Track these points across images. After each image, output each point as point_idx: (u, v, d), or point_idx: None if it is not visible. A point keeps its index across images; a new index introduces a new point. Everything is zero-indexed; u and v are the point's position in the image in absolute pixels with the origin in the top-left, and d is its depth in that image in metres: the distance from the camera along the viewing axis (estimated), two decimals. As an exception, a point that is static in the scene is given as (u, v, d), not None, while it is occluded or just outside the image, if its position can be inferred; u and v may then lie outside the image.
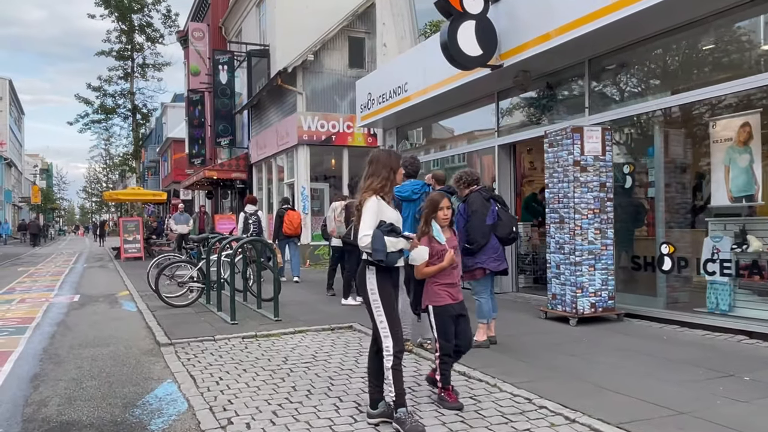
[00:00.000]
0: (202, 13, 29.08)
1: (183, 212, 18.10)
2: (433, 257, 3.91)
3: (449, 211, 4.07)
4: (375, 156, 3.91)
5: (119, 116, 25.50)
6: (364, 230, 3.64)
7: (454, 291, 4.06)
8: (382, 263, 3.59)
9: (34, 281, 14.65)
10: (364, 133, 16.40)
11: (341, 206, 8.88)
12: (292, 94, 16.37)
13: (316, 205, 16.64)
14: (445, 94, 9.85)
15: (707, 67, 6.57)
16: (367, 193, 3.74)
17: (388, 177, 3.78)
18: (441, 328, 4.03)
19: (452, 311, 4.04)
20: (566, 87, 8.36)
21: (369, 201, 3.69)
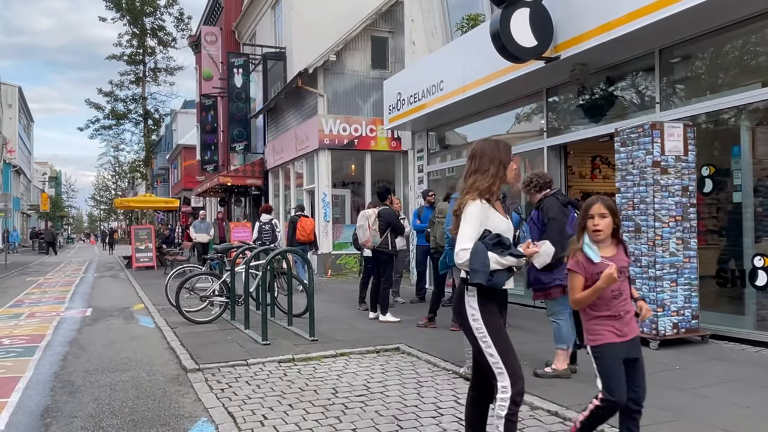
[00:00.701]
0: (215, 17, 28.53)
1: (204, 219, 17.25)
2: (588, 282, 2.95)
3: (603, 221, 2.98)
4: (479, 148, 3.11)
5: (130, 121, 24.86)
6: (462, 243, 2.88)
7: (619, 325, 2.96)
8: (483, 286, 2.82)
9: (44, 292, 13.96)
10: (388, 137, 15.66)
11: (374, 214, 8.11)
12: (312, 96, 15.67)
13: (337, 213, 15.88)
14: (486, 92, 9.09)
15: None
16: (470, 194, 2.96)
17: (496, 174, 2.99)
18: (605, 374, 2.94)
19: (619, 352, 2.94)
20: (630, 81, 7.58)
21: (470, 206, 2.92)
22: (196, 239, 16.31)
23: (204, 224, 16.86)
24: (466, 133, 11.26)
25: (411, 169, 12.62)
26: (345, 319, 8.51)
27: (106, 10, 24.26)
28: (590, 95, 8.11)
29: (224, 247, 8.70)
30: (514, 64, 8.03)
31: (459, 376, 5.17)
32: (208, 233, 16.44)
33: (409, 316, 8.51)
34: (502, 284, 2.89)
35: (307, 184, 16.56)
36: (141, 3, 23.99)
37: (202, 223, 17.00)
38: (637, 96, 7.49)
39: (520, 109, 9.57)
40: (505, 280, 2.91)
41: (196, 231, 16.37)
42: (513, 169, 3.07)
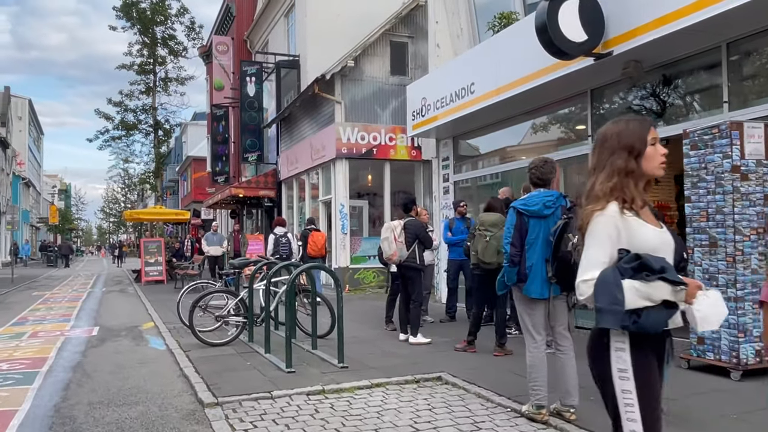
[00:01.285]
0: (226, 27, 28.14)
1: (216, 232, 16.59)
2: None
3: None
4: (599, 135, 2.30)
5: (140, 132, 24.36)
6: (584, 272, 2.10)
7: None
8: (628, 329, 2.04)
9: (49, 309, 13.34)
10: (408, 145, 15.01)
11: (400, 225, 7.41)
12: (329, 103, 15.07)
13: (355, 224, 15.21)
14: (523, 95, 8.42)
15: None
16: (595, 203, 2.16)
17: (624, 167, 2.17)
18: None
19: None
20: (692, 79, 6.88)
21: (596, 218, 2.14)
22: (209, 252, 15.59)
23: (217, 236, 16.13)
24: (497, 140, 10.58)
25: (435, 178, 11.95)
26: (372, 340, 7.81)
27: (117, 20, 23.87)
28: (644, 95, 7.42)
29: (241, 262, 8.03)
30: (560, 61, 7.37)
31: (521, 415, 4.45)
32: (222, 246, 15.73)
33: (442, 337, 7.80)
34: (660, 326, 2.06)
35: (323, 195, 15.92)
36: (152, 12, 23.59)
37: (214, 235, 16.30)
38: (699, 95, 6.79)
39: (560, 113, 8.89)
40: (665, 320, 2.06)
41: (208, 244, 15.65)
42: (659, 154, 2.20)
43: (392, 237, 7.18)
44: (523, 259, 4.24)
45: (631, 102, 7.59)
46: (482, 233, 6.40)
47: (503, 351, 6.57)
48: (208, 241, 15.99)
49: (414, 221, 7.52)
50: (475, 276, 6.72)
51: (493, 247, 6.29)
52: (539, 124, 9.44)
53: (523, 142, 10.01)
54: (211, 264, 15.89)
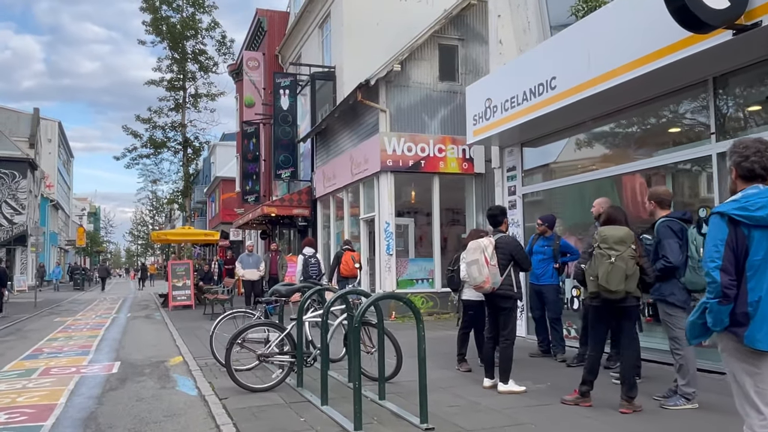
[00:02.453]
0: (257, 42, 27.31)
1: (252, 252, 15.06)
2: None
3: None
4: None
5: (169, 150, 23.44)
6: None
7: None
8: None
9: (69, 338, 12.14)
10: (459, 157, 13.63)
11: (492, 244, 5.96)
12: (372, 113, 13.81)
13: (399, 245, 13.80)
14: (622, 87, 7.00)
15: None
16: None
17: None
18: None
19: None
20: None
21: None
22: (244, 276, 14.20)
23: (253, 258, 14.66)
24: (578, 145, 9.13)
25: (499, 191, 10.52)
26: (449, 386, 6.34)
27: (146, 35, 23.14)
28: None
29: (289, 289, 6.64)
30: (675, 43, 5.99)
31: None
32: (259, 269, 14.31)
33: (536, 382, 6.31)
34: None
35: (365, 212, 14.57)
36: (182, 26, 22.82)
37: (250, 256, 14.75)
38: None
39: (669, 107, 7.42)
40: None
41: (243, 266, 14.22)
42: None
43: (483, 259, 5.74)
44: (742, 290, 2.79)
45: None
46: (604, 252, 4.94)
47: (632, 406, 5.05)
48: (243, 264, 14.37)
49: (507, 238, 6.10)
50: (592, 308, 5.23)
51: (620, 271, 4.83)
52: (639, 122, 7.97)
53: (614, 146, 8.55)
54: (247, 290, 14.35)
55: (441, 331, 10.72)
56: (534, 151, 9.99)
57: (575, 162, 9.26)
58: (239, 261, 14.58)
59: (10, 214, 34.62)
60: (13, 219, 34.29)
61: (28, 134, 39.15)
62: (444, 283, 13.63)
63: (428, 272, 13.62)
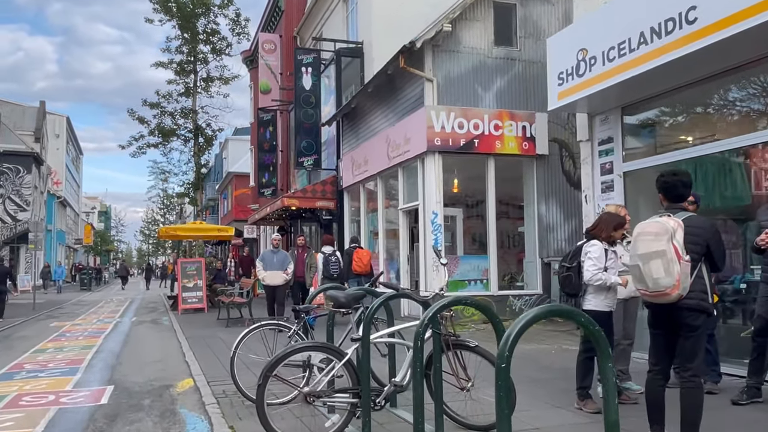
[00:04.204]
0: (274, 23, 25.36)
1: (278, 248, 11.47)
2: None
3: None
4: None
5: (179, 138, 21.50)
6: None
7: None
8: None
9: (59, 349, 10.19)
10: (518, 135, 11.53)
11: (680, 227, 3.76)
12: (415, 84, 11.74)
13: (447, 239, 11.73)
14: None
15: None
16: None
17: None
18: None
19: None
20: None
21: None
22: (265, 280, 11.17)
23: (279, 256, 11.30)
24: (704, 106, 7.01)
25: (587, 171, 8.41)
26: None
27: (153, 13, 21.24)
28: None
29: (353, 296, 4.49)
30: None
31: None
32: (286, 271, 11.16)
33: None
34: None
35: (406, 202, 12.51)
36: (192, 3, 20.87)
37: (275, 254, 11.32)
38: None
39: None
40: None
41: (266, 266, 11.10)
42: None
43: (672, 251, 3.63)
44: None
45: None
46: None
47: None
48: (266, 263, 11.14)
49: (699, 220, 3.95)
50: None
51: None
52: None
53: (748, 109, 6.45)
54: (269, 296, 11.44)
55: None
56: (636, 118, 7.89)
57: (690, 130, 7.18)
58: (260, 259, 11.49)
59: (13, 210, 32.91)
60: (17, 216, 32.57)
61: (34, 128, 37.46)
62: (503, 285, 11.57)
63: (482, 272, 11.54)
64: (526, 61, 11.90)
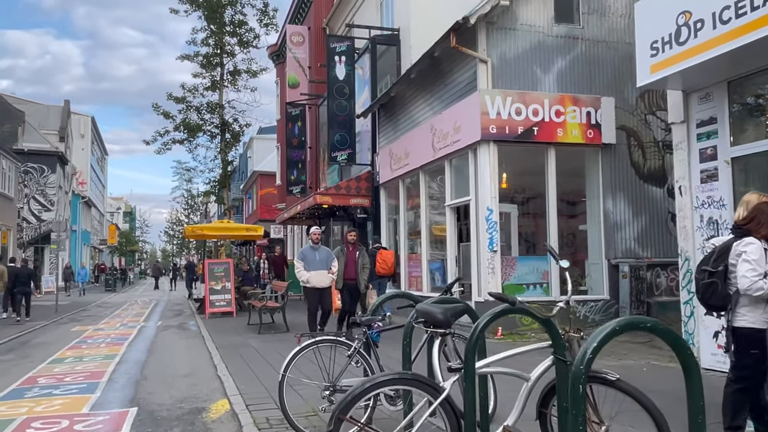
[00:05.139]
0: (302, 15, 24.42)
1: (318, 244, 9.68)
2: None
3: None
4: None
5: (205, 134, 20.64)
6: None
7: None
8: None
9: (78, 359, 9.28)
10: (582, 122, 10.34)
11: None
12: (466, 66, 10.61)
13: (501, 239, 10.56)
14: None
15: None
16: None
17: None
18: None
19: None
20: None
21: None
22: (309, 282, 9.28)
23: (321, 253, 9.53)
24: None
25: (682, 156, 7.21)
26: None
27: (179, 4, 20.42)
28: None
29: (458, 310, 3.31)
30: None
31: None
32: (330, 270, 9.50)
33: None
34: None
35: (454, 197, 11.38)
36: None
37: (316, 250, 9.52)
38: None
39: None
40: None
41: (308, 265, 9.31)
42: None
43: None
44: None
45: None
46: None
47: None
48: (308, 261, 9.33)
49: None
50: None
51: None
52: None
53: None
54: (312, 303, 9.44)
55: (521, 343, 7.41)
56: (747, 94, 6.67)
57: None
58: (300, 257, 9.49)
59: (38, 210, 32.51)
60: (42, 216, 32.15)
61: (58, 127, 37.10)
62: (564, 290, 10.35)
63: (541, 274, 10.36)
64: (590, 40, 10.70)
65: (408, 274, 13.77)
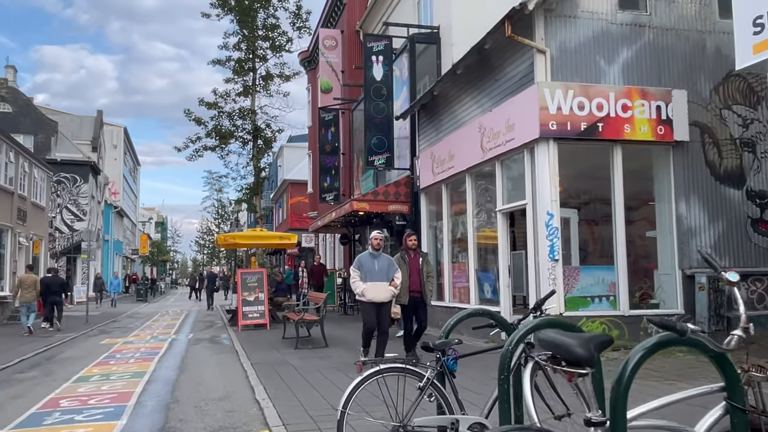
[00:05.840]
0: (335, 18, 23.84)
1: (378, 250, 8.15)
2: None
3: None
4: None
5: (237, 141, 20.09)
6: None
7: None
8: None
9: (105, 377, 8.61)
10: (652, 118, 9.35)
11: None
12: (521, 57, 9.73)
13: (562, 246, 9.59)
14: None
15: None
16: None
17: None
18: None
19: None
20: None
21: None
22: (365, 294, 7.86)
23: (381, 261, 8.06)
24: None
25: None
26: None
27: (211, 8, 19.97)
28: None
29: (603, 341, 2.47)
30: None
31: None
32: (392, 282, 8.01)
33: None
34: None
35: (506, 201, 10.47)
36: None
37: (375, 257, 8.06)
38: None
39: None
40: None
41: (366, 275, 7.91)
42: None
43: None
44: None
45: None
46: None
47: None
48: (365, 270, 7.92)
49: None
50: None
51: None
52: None
53: None
54: (369, 319, 7.94)
55: (670, 383, 6.41)
56: None
57: None
58: (357, 266, 8.04)
59: (70, 220, 32.47)
60: (74, 225, 32.09)
61: (91, 137, 37.22)
62: (634, 303, 9.35)
63: (608, 286, 9.36)
64: (658, 28, 9.72)
65: (452, 285, 12.87)
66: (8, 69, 32.33)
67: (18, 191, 20.71)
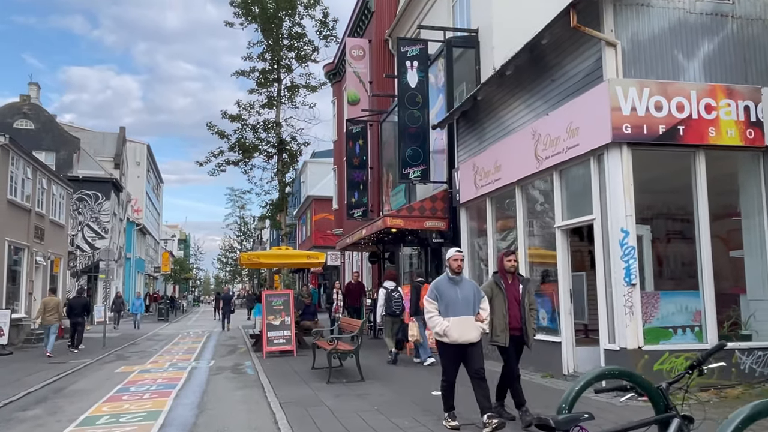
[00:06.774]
0: (362, 28, 22.95)
1: (461, 274, 6.24)
2: None
3: None
4: None
5: (262, 154, 19.20)
6: None
7: None
8: None
9: (114, 419, 7.52)
10: (738, 120, 8.10)
11: None
12: (586, 52, 8.57)
13: (631, 268, 8.29)
14: None
15: None
16: None
17: None
18: None
19: None
20: None
21: None
22: (448, 334, 5.90)
23: (465, 288, 6.16)
24: None
25: None
26: None
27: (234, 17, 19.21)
28: None
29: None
30: None
31: None
32: (478, 315, 6.04)
33: None
34: None
35: (567, 217, 9.24)
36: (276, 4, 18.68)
37: (456, 283, 6.14)
38: None
39: None
40: None
41: (447, 307, 5.98)
42: None
43: None
44: None
45: None
46: None
47: None
48: (446, 300, 6.01)
49: None
50: None
51: None
52: None
53: None
54: (449, 358, 6.07)
55: None
56: None
57: None
58: (433, 296, 6.11)
59: (92, 238, 31.86)
60: (95, 243, 31.45)
61: (114, 153, 36.81)
62: (723, 334, 8.01)
63: (692, 315, 8.06)
64: (743, 18, 8.51)
65: (499, 310, 11.60)
66: (31, 86, 32.10)
67: (35, 208, 20.00)
